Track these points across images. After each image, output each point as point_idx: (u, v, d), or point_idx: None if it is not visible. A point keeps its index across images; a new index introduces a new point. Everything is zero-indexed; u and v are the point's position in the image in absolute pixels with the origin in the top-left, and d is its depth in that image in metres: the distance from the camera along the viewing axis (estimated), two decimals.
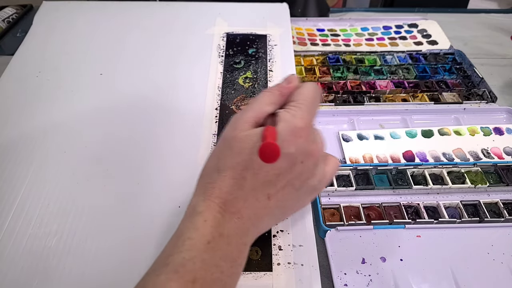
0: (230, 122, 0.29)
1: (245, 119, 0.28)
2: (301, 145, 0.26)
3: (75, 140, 0.41)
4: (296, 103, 0.28)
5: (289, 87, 0.30)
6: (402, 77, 0.55)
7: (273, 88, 0.30)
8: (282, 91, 0.29)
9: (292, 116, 0.27)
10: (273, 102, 0.29)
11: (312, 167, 0.28)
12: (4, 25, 0.65)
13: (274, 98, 0.29)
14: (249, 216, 0.27)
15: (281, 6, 0.61)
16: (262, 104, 0.29)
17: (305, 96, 0.28)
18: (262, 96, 0.29)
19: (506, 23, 0.69)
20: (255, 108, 0.28)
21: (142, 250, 0.32)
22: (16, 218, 0.34)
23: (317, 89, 0.30)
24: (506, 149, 0.45)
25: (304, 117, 0.27)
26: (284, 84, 0.30)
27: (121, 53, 0.52)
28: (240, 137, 0.27)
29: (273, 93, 0.29)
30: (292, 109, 0.27)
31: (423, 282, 0.33)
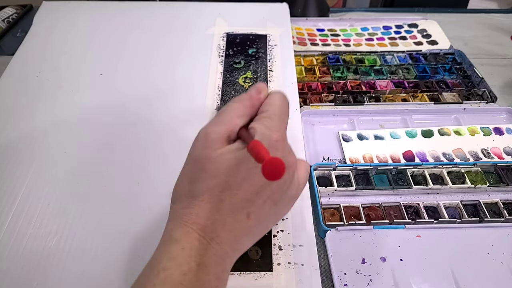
0: (199, 138, 0.26)
1: (217, 135, 0.26)
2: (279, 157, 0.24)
3: (75, 140, 0.41)
4: (267, 114, 0.26)
5: (259, 98, 0.28)
6: (402, 77, 0.55)
7: (243, 99, 0.28)
8: (253, 102, 0.28)
9: (268, 128, 0.25)
10: (244, 114, 0.27)
11: (290, 178, 0.27)
12: (4, 25, 0.65)
13: (245, 110, 0.27)
14: (228, 239, 0.25)
15: (281, 6, 0.61)
16: (233, 117, 0.27)
17: (276, 107, 0.27)
18: (233, 108, 0.27)
19: (506, 23, 0.69)
20: (225, 121, 0.26)
21: (142, 250, 0.32)
22: (16, 218, 0.34)
23: (286, 98, 0.28)
24: (506, 149, 0.45)
25: (278, 129, 0.26)
26: (254, 94, 0.28)
27: (121, 53, 0.52)
28: (214, 157, 0.25)
29: (243, 104, 0.27)
30: (265, 122, 0.26)
31: (423, 282, 0.33)
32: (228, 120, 0.26)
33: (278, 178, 0.21)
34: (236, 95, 0.47)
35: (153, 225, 0.34)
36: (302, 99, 0.51)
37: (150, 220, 0.34)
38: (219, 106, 0.45)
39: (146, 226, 0.34)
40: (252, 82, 0.48)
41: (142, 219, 0.35)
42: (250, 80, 0.49)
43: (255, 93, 0.28)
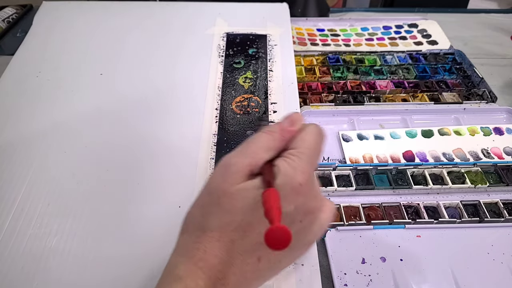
0: (219, 167, 0.24)
1: (238, 168, 0.23)
2: (301, 203, 0.23)
3: (75, 140, 0.41)
4: (297, 151, 0.24)
5: (292, 131, 0.26)
6: (402, 77, 0.55)
7: (273, 130, 0.25)
8: (284, 135, 0.25)
9: (293, 169, 0.23)
10: (272, 147, 0.25)
11: (310, 224, 0.25)
12: (4, 25, 0.65)
13: (273, 143, 0.25)
14: (236, 282, 0.23)
15: (281, 6, 0.61)
16: (259, 149, 0.24)
17: (308, 144, 0.25)
18: (260, 140, 0.25)
19: (506, 23, 0.69)
20: (250, 154, 0.24)
21: (142, 250, 0.32)
22: (17, 218, 0.34)
23: (321, 134, 0.26)
24: (506, 149, 0.45)
25: (305, 170, 0.23)
26: (286, 126, 0.26)
27: (121, 53, 0.52)
28: (231, 192, 0.23)
29: (273, 136, 0.25)
30: (292, 160, 0.24)
31: (423, 282, 0.33)
32: (252, 152, 0.24)
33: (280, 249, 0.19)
34: (236, 95, 0.47)
35: (153, 225, 0.34)
36: (302, 99, 0.51)
37: (150, 220, 0.34)
38: (219, 106, 0.45)
39: (146, 226, 0.34)
40: (252, 82, 0.48)
41: (142, 219, 0.35)
42: (250, 80, 0.49)
43: (288, 124, 0.26)
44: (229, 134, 0.42)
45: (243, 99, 0.46)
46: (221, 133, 0.42)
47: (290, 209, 0.23)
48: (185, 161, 0.39)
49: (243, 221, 0.23)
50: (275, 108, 0.45)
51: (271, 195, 0.21)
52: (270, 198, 0.20)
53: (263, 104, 0.45)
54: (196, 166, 0.39)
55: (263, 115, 0.44)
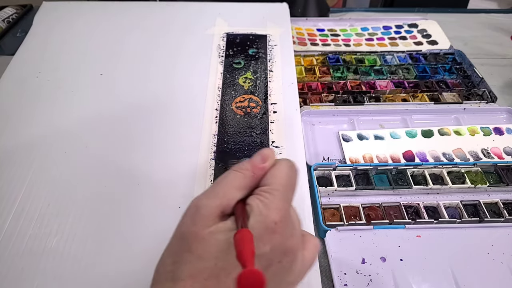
0: (189, 210, 0.23)
1: (209, 209, 0.22)
2: (278, 242, 0.22)
3: (75, 140, 0.41)
4: (269, 188, 0.23)
5: (264, 168, 0.24)
6: (402, 77, 0.55)
7: (244, 168, 0.24)
8: (256, 172, 0.24)
9: (266, 207, 0.22)
10: (243, 186, 0.24)
11: (289, 264, 0.23)
12: (4, 25, 0.65)
13: (245, 181, 0.24)
14: None
15: (281, 6, 0.61)
16: (230, 189, 0.23)
17: (280, 179, 0.24)
18: (231, 178, 0.24)
19: (506, 23, 0.69)
20: (221, 194, 0.23)
21: (142, 250, 0.32)
22: (17, 219, 0.34)
23: (294, 168, 0.25)
24: (506, 149, 0.45)
25: (279, 207, 0.22)
26: (258, 163, 0.25)
27: (121, 53, 0.52)
28: (202, 235, 0.21)
29: (244, 174, 0.24)
30: (265, 198, 0.22)
31: (423, 282, 0.33)
32: (223, 192, 0.23)
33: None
34: (236, 95, 0.47)
35: (153, 225, 0.34)
36: (302, 99, 0.51)
37: (150, 220, 0.35)
38: (219, 106, 0.45)
39: (146, 226, 0.34)
40: (252, 82, 0.48)
41: (142, 219, 0.35)
42: (250, 80, 0.49)
43: (259, 161, 0.25)
44: (229, 134, 0.42)
45: (243, 100, 0.46)
46: (221, 133, 0.42)
47: (265, 250, 0.21)
48: (185, 161, 0.39)
49: (216, 266, 0.21)
50: (275, 108, 0.45)
51: (243, 237, 0.19)
52: (243, 240, 0.19)
53: (263, 104, 0.45)
54: (196, 167, 0.39)
55: None
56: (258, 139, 0.41)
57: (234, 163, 0.33)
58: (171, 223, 0.35)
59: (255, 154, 0.25)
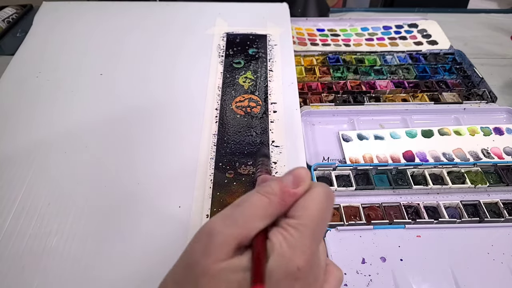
0: (201, 235, 0.20)
1: (225, 239, 0.19)
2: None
3: (75, 140, 0.41)
4: (297, 223, 0.19)
5: (295, 194, 0.20)
6: (402, 77, 0.55)
7: (272, 192, 0.20)
8: (286, 199, 0.20)
9: (291, 248, 0.18)
10: (268, 214, 0.20)
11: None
12: (4, 25, 0.65)
13: (271, 208, 0.20)
14: None
15: (281, 6, 0.61)
16: (252, 217, 0.20)
17: (312, 213, 0.20)
18: (255, 204, 0.20)
19: (506, 23, 0.69)
20: (241, 221, 0.19)
21: (142, 249, 0.32)
22: (17, 218, 0.34)
23: (330, 199, 0.21)
24: (506, 149, 0.45)
25: (306, 249, 0.19)
26: (289, 186, 0.21)
27: (121, 53, 0.52)
28: (212, 272, 0.18)
29: (271, 201, 0.20)
30: (291, 235, 0.19)
31: (423, 282, 0.33)
32: (244, 220, 0.19)
33: None
34: (236, 95, 0.47)
35: (153, 225, 0.34)
36: (302, 99, 0.51)
37: (150, 220, 0.35)
38: (219, 106, 0.45)
39: (146, 226, 0.34)
40: (252, 82, 0.48)
41: (142, 219, 0.35)
42: (250, 80, 0.49)
43: (291, 184, 0.21)
44: (229, 134, 0.42)
45: (243, 99, 0.46)
46: (221, 133, 0.42)
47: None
48: (185, 161, 0.39)
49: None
50: (275, 108, 0.45)
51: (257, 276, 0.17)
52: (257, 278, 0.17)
53: (263, 104, 0.45)
54: (196, 166, 0.39)
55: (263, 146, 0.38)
56: (258, 138, 0.41)
57: (261, 167, 0.28)
58: (171, 222, 0.35)
59: (286, 173, 0.21)
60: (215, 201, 0.36)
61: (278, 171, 0.38)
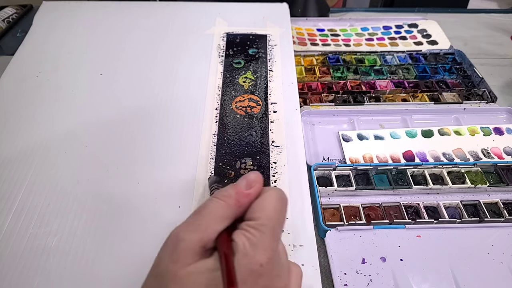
0: (167, 243, 0.21)
1: (189, 244, 0.20)
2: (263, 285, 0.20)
3: (75, 140, 0.41)
4: (257, 224, 0.21)
5: (249, 195, 0.22)
6: (402, 77, 0.55)
7: (227, 195, 0.22)
8: (241, 200, 0.22)
9: (253, 247, 0.20)
10: (227, 216, 0.22)
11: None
12: (4, 25, 0.65)
13: (228, 210, 0.22)
14: None
15: (281, 6, 0.61)
16: (212, 220, 0.21)
17: (268, 213, 0.22)
18: (213, 208, 0.22)
19: (506, 23, 0.69)
20: (202, 226, 0.21)
21: (142, 249, 0.32)
22: (17, 218, 0.34)
23: (283, 201, 0.23)
24: (506, 149, 0.45)
25: (267, 246, 0.20)
26: (243, 189, 0.23)
27: (121, 53, 0.52)
28: (180, 276, 0.19)
29: (227, 203, 0.22)
30: (252, 235, 0.21)
31: (423, 282, 0.33)
32: (205, 224, 0.21)
33: None
34: (236, 95, 0.47)
35: (153, 224, 0.34)
36: (302, 99, 0.51)
37: (150, 219, 0.34)
38: (219, 106, 0.45)
39: (146, 225, 0.34)
40: (252, 82, 0.48)
41: (142, 218, 0.35)
42: (250, 80, 0.49)
43: (244, 186, 0.23)
44: (229, 134, 0.42)
45: (243, 99, 0.46)
46: (221, 133, 0.42)
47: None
48: (185, 161, 0.39)
49: None
50: (275, 108, 0.45)
51: (228, 274, 0.19)
52: (226, 274, 0.19)
53: (263, 104, 0.45)
54: (196, 166, 0.39)
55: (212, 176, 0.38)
56: (258, 138, 0.41)
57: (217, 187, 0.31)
58: (171, 221, 0.35)
59: (240, 178, 0.23)
60: None
61: (278, 171, 0.38)
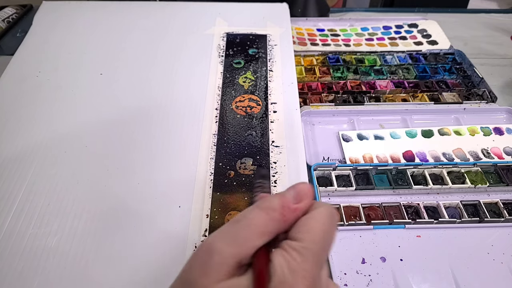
0: (200, 253, 0.19)
1: (224, 258, 0.18)
2: None
3: (75, 139, 0.41)
4: (300, 246, 0.19)
5: (297, 210, 0.20)
6: (402, 77, 0.55)
7: (272, 207, 0.20)
8: (287, 215, 0.20)
9: (292, 273, 0.18)
10: (268, 231, 0.19)
11: None
12: (4, 25, 0.65)
13: (271, 225, 0.19)
14: None
15: (281, 6, 0.61)
16: (252, 234, 0.19)
17: (315, 236, 0.19)
18: (254, 220, 0.19)
19: (506, 23, 0.69)
20: (242, 239, 0.19)
21: (142, 249, 0.32)
22: (17, 218, 0.34)
23: (334, 221, 0.20)
24: (506, 149, 0.45)
25: (308, 274, 0.18)
26: (290, 203, 0.20)
27: (121, 53, 0.52)
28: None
29: (271, 217, 0.19)
30: (293, 259, 0.18)
31: (423, 282, 0.33)
32: (243, 238, 0.19)
33: None
34: (236, 95, 0.46)
35: (153, 224, 0.34)
36: (302, 99, 0.51)
37: (150, 219, 0.34)
38: (219, 106, 0.45)
39: (146, 225, 0.34)
40: (252, 82, 0.48)
41: (142, 218, 0.35)
42: (250, 80, 0.49)
43: (292, 199, 0.20)
44: (229, 134, 0.42)
45: (243, 99, 0.46)
46: (221, 133, 0.42)
47: None
48: (185, 161, 0.39)
49: None
50: (275, 108, 0.45)
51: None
52: None
53: (263, 104, 0.45)
54: (196, 166, 0.39)
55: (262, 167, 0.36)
56: (258, 138, 0.41)
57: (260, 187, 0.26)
58: (171, 222, 0.35)
59: (288, 188, 0.21)
60: (215, 201, 0.36)
61: (278, 171, 0.38)
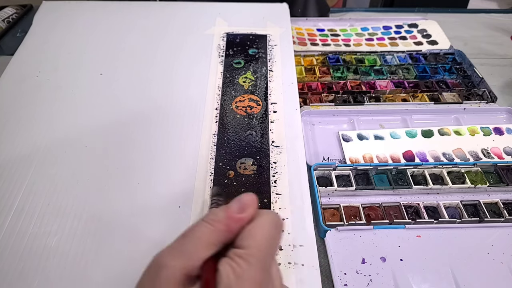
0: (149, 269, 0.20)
1: (171, 272, 0.19)
2: None
3: (75, 139, 0.41)
4: (245, 253, 0.19)
5: (240, 220, 0.21)
6: (402, 77, 0.55)
7: (217, 219, 0.20)
8: (231, 225, 0.20)
9: (238, 280, 0.18)
10: (215, 242, 0.20)
11: None
12: (4, 25, 0.65)
13: (217, 236, 0.20)
14: None
15: (281, 6, 0.61)
16: (197, 246, 0.20)
17: (259, 242, 0.20)
18: (200, 233, 0.20)
19: (506, 23, 0.69)
20: (186, 253, 0.19)
21: (142, 249, 0.32)
22: (17, 218, 0.34)
23: (278, 227, 0.21)
24: (506, 149, 0.45)
25: (253, 279, 0.19)
26: (234, 213, 0.21)
27: (121, 53, 0.52)
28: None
29: (216, 229, 0.20)
30: (239, 266, 0.19)
31: (423, 282, 0.33)
32: (189, 251, 0.19)
33: None
34: (236, 95, 0.46)
35: (153, 224, 0.34)
36: (302, 99, 0.51)
37: (150, 219, 0.34)
38: (219, 106, 0.45)
39: (146, 225, 0.34)
40: (252, 82, 0.48)
41: (142, 218, 0.35)
42: (250, 80, 0.49)
43: (236, 210, 0.21)
44: (229, 134, 0.42)
45: (243, 99, 0.46)
46: (221, 133, 0.42)
47: None
48: (185, 161, 0.39)
49: None
50: (275, 108, 0.45)
51: None
52: None
53: (263, 104, 0.45)
54: (196, 166, 0.39)
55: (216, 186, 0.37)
56: (258, 138, 0.41)
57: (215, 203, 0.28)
58: (171, 222, 0.35)
59: (234, 200, 0.22)
60: None
61: (278, 171, 0.38)
